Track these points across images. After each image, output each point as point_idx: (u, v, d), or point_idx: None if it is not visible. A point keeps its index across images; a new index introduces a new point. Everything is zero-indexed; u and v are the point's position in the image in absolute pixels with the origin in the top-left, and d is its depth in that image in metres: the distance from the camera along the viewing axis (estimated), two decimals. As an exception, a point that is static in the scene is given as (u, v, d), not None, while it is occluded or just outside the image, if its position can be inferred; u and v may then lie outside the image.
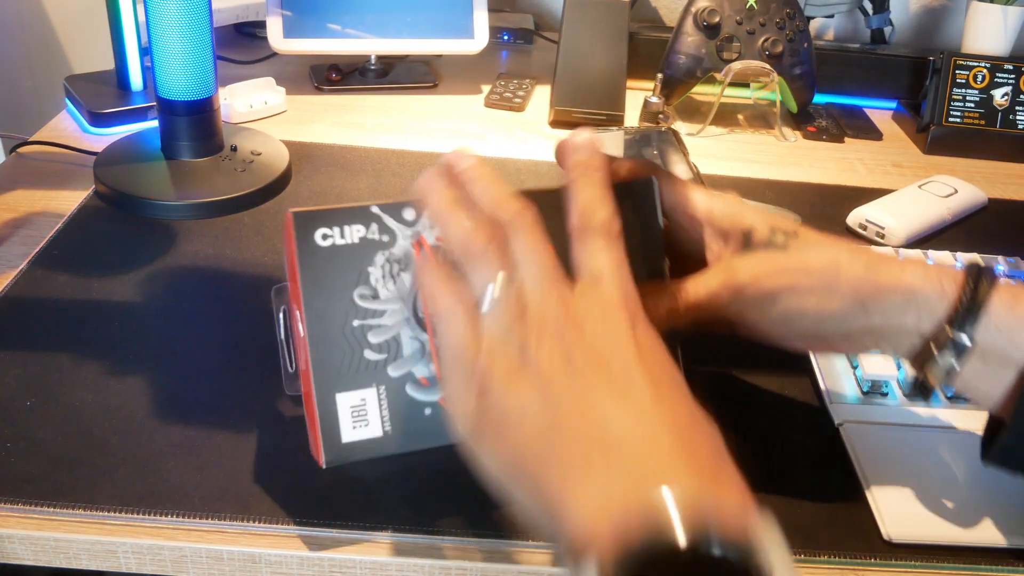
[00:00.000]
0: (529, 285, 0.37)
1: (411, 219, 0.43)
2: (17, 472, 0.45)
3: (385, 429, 0.41)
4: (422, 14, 0.95)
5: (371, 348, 0.41)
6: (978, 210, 0.81)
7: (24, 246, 0.65)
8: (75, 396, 0.50)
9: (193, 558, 0.43)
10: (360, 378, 0.41)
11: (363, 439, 0.41)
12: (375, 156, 0.82)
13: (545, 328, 0.36)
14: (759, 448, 0.51)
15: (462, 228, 0.38)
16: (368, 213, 0.42)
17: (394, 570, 0.43)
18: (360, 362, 0.41)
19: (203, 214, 0.69)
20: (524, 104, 0.97)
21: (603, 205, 0.40)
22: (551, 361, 0.35)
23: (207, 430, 0.49)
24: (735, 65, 0.92)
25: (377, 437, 0.41)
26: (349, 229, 0.42)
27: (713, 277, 0.45)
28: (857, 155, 0.93)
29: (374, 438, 0.41)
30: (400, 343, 0.42)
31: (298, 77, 0.99)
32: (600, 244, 0.39)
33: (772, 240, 0.45)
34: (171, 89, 0.70)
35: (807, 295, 0.43)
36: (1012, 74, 0.94)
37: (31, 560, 0.44)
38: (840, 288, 0.43)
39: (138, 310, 0.58)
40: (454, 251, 0.39)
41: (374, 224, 0.42)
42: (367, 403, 0.41)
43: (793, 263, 0.44)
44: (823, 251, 0.44)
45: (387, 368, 0.42)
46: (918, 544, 0.45)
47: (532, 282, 0.37)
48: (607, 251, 0.39)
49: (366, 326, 0.42)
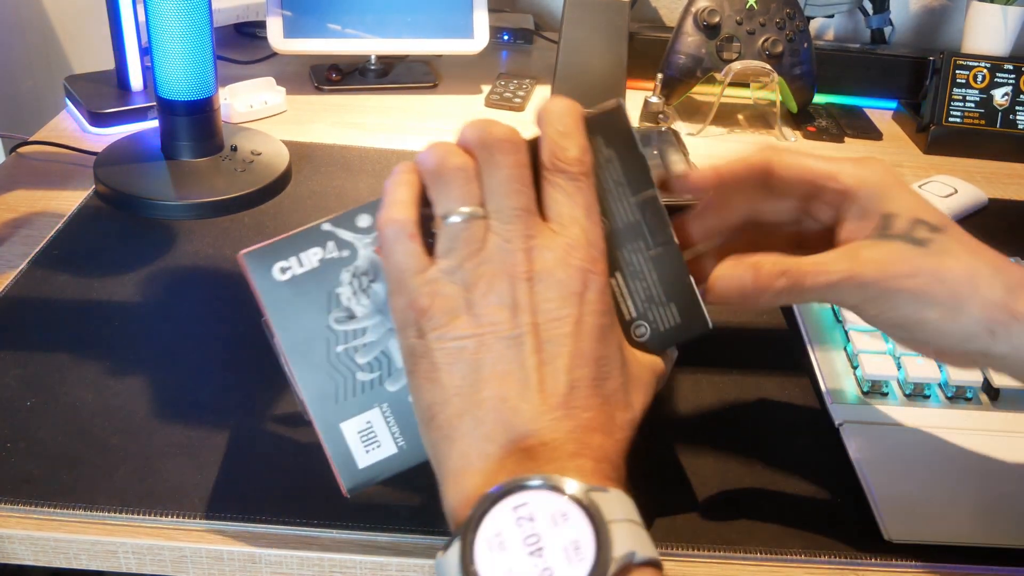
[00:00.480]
0: (495, 223, 0.36)
1: (366, 226, 0.40)
2: (17, 472, 0.45)
3: (399, 445, 0.40)
4: (422, 14, 0.95)
5: (362, 369, 0.40)
6: (978, 210, 0.81)
7: (24, 246, 0.65)
8: (75, 396, 0.50)
9: (193, 558, 0.43)
10: (360, 402, 0.40)
11: (379, 460, 0.40)
12: (375, 156, 0.82)
13: (498, 275, 0.35)
14: (759, 448, 0.51)
15: (436, 151, 0.37)
16: (320, 232, 0.40)
17: (394, 570, 0.43)
18: (355, 386, 0.40)
19: (203, 214, 0.69)
20: (524, 104, 0.97)
21: (573, 140, 0.38)
22: (496, 311, 0.35)
23: (207, 430, 0.49)
24: (735, 65, 0.92)
25: (393, 455, 0.40)
26: (305, 255, 0.40)
27: (836, 263, 0.41)
28: (857, 155, 0.93)
29: (390, 456, 0.40)
30: (390, 356, 0.40)
31: (298, 77, 0.99)
32: (570, 187, 0.37)
33: (912, 233, 0.40)
34: (171, 89, 0.70)
35: (933, 306, 0.40)
36: (1012, 74, 0.94)
37: (31, 560, 0.44)
38: (970, 308, 0.39)
39: (138, 310, 0.58)
40: (424, 176, 0.37)
41: (330, 242, 0.40)
42: (374, 425, 0.40)
43: (928, 266, 0.40)
44: (963, 260, 0.40)
45: (384, 385, 0.40)
46: (918, 544, 0.45)
47: (499, 220, 0.36)
48: (577, 194, 0.37)
49: (351, 349, 0.40)
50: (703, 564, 0.44)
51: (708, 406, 0.54)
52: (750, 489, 0.48)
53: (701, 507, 0.46)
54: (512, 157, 0.37)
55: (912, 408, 0.53)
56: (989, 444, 0.51)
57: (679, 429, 0.52)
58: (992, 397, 0.54)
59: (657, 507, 0.46)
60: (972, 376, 0.54)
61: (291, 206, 0.72)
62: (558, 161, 0.37)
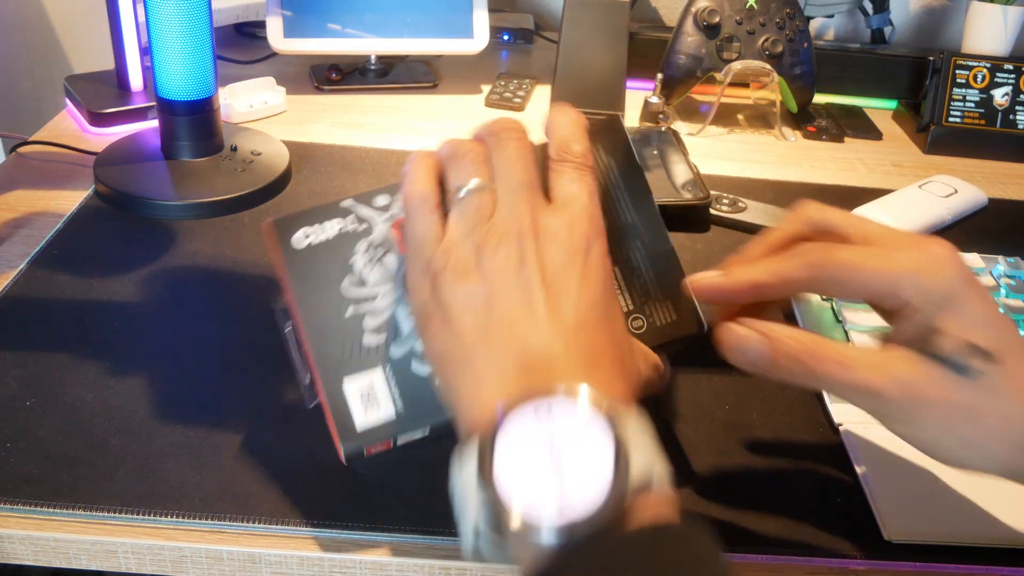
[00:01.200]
0: (502, 194, 0.39)
1: (384, 204, 0.44)
2: (17, 472, 0.45)
3: (398, 409, 0.41)
4: (422, 14, 0.95)
5: (369, 332, 0.42)
6: (978, 210, 0.81)
7: (24, 246, 0.65)
8: (75, 396, 0.50)
9: (193, 558, 0.43)
10: (364, 361, 0.42)
11: (378, 423, 0.41)
12: (375, 156, 0.82)
13: (507, 235, 0.37)
14: (759, 448, 0.51)
15: (452, 141, 0.41)
16: (340, 208, 0.44)
17: (394, 570, 0.43)
18: (361, 348, 0.42)
19: (203, 214, 0.69)
20: (524, 104, 0.97)
21: (579, 141, 0.41)
22: (504, 264, 0.37)
23: (207, 430, 0.49)
24: (735, 65, 0.92)
25: (391, 419, 0.41)
26: (326, 225, 0.44)
27: (862, 368, 0.37)
28: (857, 155, 0.93)
29: (388, 420, 0.41)
30: (397, 322, 0.42)
31: (298, 77, 0.99)
32: (575, 174, 0.40)
33: (958, 358, 0.36)
34: (171, 89, 0.70)
35: (957, 439, 0.37)
36: (1012, 74, 0.94)
37: (31, 560, 0.44)
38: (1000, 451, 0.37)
39: (138, 310, 0.58)
40: (442, 158, 0.41)
41: (350, 216, 0.44)
42: (375, 386, 0.42)
43: (964, 402, 0.36)
44: (1009, 404, 0.36)
45: (389, 349, 0.42)
46: (918, 544, 0.45)
47: (506, 191, 0.39)
48: (581, 180, 0.40)
49: (360, 312, 0.42)
50: (703, 564, 0.44)
51: (708, 406, 0.54)
52: (750, 489, 0.48)
53: (701, 507, 0.46)
54: (517, 139, 0.40)
55: (912, 408, 0.53)
56: (989, 444, 0.51)
57: (679, 429, 0.52)
58: (992, 397, 0.54)
59: (657, 507, 0.46)
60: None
61: (291, 206, 0.72)
62: (564, 153, 0.40)
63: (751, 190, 0.81)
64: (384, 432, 0.41)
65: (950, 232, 0.77)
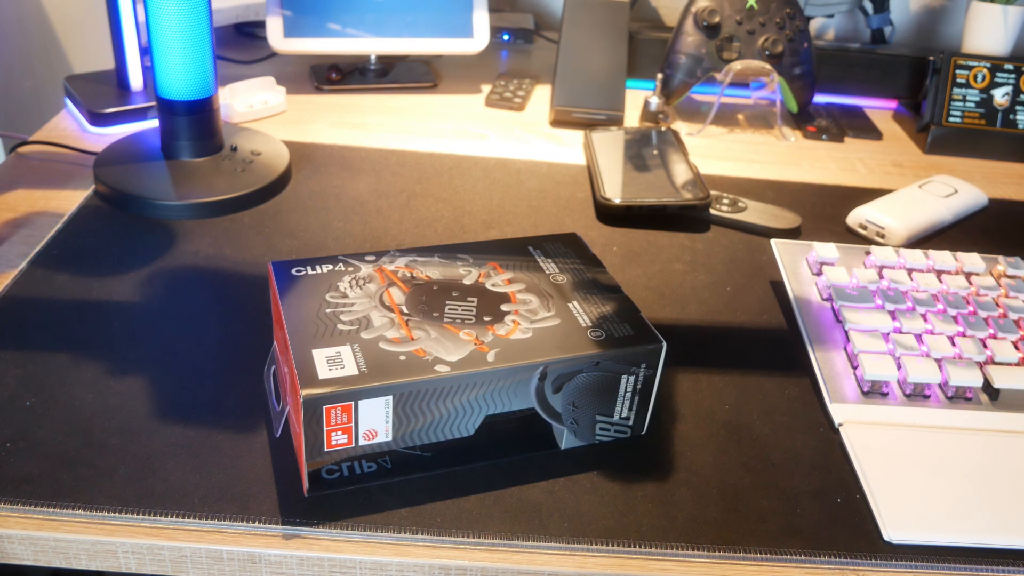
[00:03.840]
0: None
1: (372, 259, 0.52)
2: (17, 472, 0.45)
3: (361, 370, 0.43)
4: (422, 14, 0.95)
5: (343, 323, 0.46)
6: (978, 210, 0.81)
7: (24, 246, 0.65)
8: (75, 396, 0.50)
9: (193, 558, 0.43)
10: (334, 340, 0.45)
11: (339, 376, 0.43)
12: (375, 156, 0.82)
13: None
14: (759, 448, 0.51)
15: None
16: (334, 259, 0.52)
17: (394, 570, 0.43)
18: (335, 331, 0.46)
19: (203, 214, 0.69)
20: (524, 104, 0.97)
21: None
22: None
23: (207, 430, 0.49)
24: (735, 65, 0.92)
25: (354, 375, 0.43)
26: (318, 266, 0.51)
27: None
28: (857, 155, 0.93)
29: (351, 375, 0.43)
30: (370, 319, 0.47)
31: (298, 77, 0.99)
32: None
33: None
34: (171, 89, 0.70)
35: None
36: (1012, 74, 0.94)
37: (31, 560, 0.44)
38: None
39: (138, 310, 0.58)
40: None
41: (340, 263, 0.51)
42: (342, 354, 0.44)
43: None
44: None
45: (360, 334, 0.46)
46: (918, 544, 0.45)
47: None
48: None
49: (338, 311, 0.47)
50: (703, 564, 0.44)
51: (708, 406, 0.54)
52: (750, 489, 0.48)
53: (701, 507, 0.46)
54: None
55: (912, 408, 0.53)
56: (989, 444, 0.51)
57: (679, 429, 0.52)
58: (992, 397, 0.54)
59: (657, 507, 0.46)
60: (972, 376, 0.54)
61: (291, 206, 0.72)
62: None
63: (751, 190, 0.81)
64: (344, 386, 0.42)
65: (950, 232, 0.77)
